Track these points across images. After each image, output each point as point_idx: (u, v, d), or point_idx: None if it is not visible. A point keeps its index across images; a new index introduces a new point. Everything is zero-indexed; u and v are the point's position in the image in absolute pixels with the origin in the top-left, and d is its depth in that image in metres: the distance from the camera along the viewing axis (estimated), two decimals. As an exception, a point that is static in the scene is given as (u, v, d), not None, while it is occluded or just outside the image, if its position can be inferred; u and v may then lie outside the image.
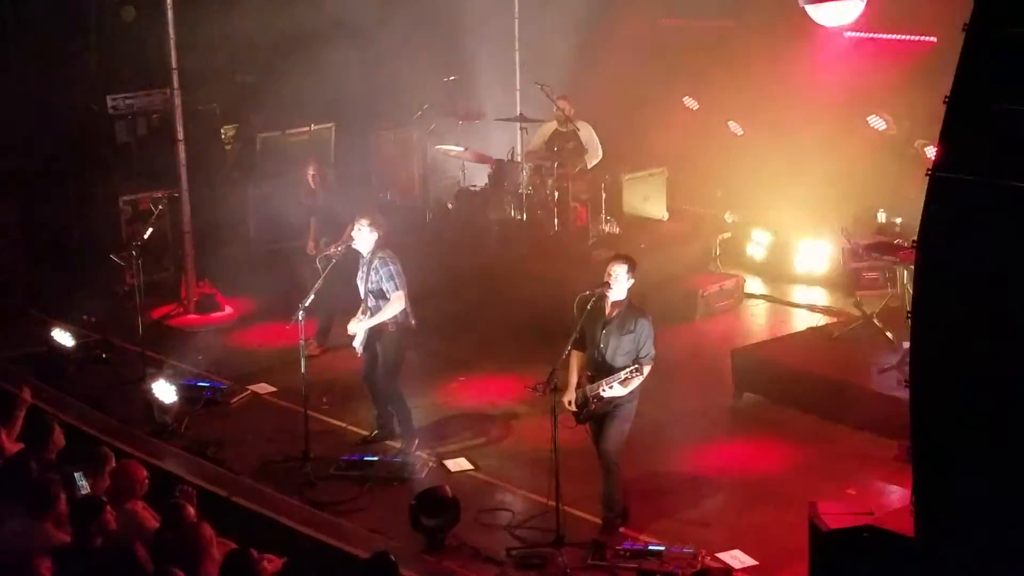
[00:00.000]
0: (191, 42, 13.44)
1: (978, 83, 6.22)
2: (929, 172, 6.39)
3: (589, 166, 13.86)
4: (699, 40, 14.80)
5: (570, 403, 8.80)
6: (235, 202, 14.65)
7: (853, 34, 13.03)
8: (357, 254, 10.17)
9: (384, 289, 10.04)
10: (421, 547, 8.71)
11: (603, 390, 8.65)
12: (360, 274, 10.20)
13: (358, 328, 10.14)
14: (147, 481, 7.99)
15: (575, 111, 13.81)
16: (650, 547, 8.59)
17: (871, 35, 13.24)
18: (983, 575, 6.53)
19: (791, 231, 14.12)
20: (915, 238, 6.55)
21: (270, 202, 14.26)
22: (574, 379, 8.85)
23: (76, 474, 7.90)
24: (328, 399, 11.13)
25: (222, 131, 14.96)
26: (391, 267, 10.05)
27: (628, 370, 8.55)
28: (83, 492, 7.79)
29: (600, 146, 13.89)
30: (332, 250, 10.36)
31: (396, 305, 10.06)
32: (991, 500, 6.35)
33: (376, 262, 10.05)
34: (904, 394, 6.86)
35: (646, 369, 8.63)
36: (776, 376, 11.13)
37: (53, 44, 13.70)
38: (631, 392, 8.69)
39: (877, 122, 13.36)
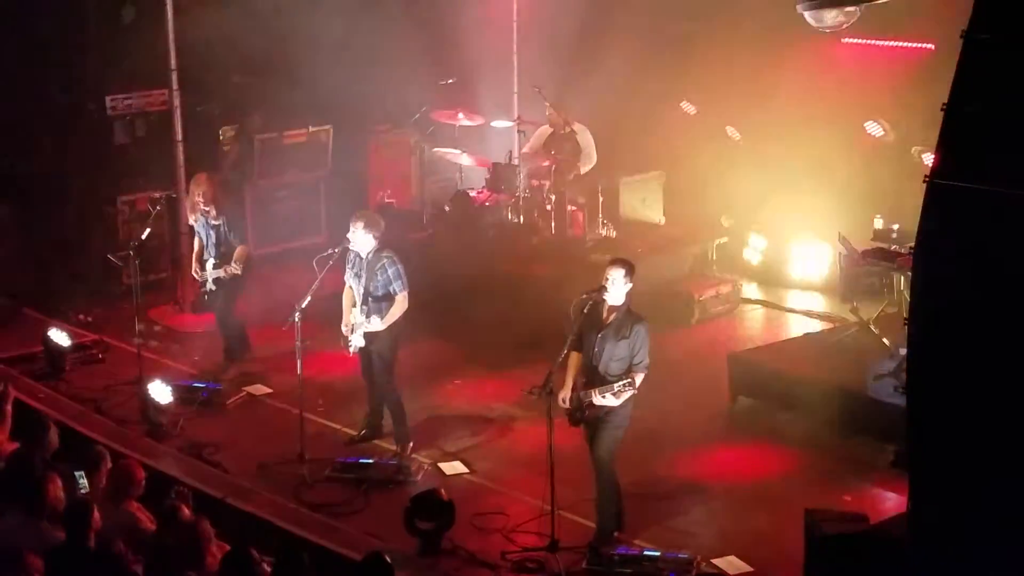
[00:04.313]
0: (190, 43, 13.42)
1: (976, 90, 6.23)
2: (927, 179, 6.39)
3: (583, 171, 13.85)
4: (697, 44, 14.80)
5: (564, 401, 8.78)
6: (233, 204, 14.60)
7: (851, 40, 13.01)
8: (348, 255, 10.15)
9: (392, 290, 10.04)
10: (416, 550, 8.70)
11: (595, 398, 8.64)
12: (352, 273, 10.19)
13: (359, 329, 10.11)
14: (144, 482, 7.99)
15: (565, 115, 13.73)
16: (645, 552, 8.59)
17: (869, 41, 13.23)
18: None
19: (788, 236, 14.11)
20: (912, 244, 6.56)
21: (267, 204, 14.22)
22: (571, 379, 8.83)
23: (77, 473, 7.90)
24: (323, 401, 11.11)
25: (220, 132, 14.94)
26: (399, 267, 10.06)
27: (621, 383, 8.52)
28: (83, 492, 7.79)
29: (595, 152, 13.87)
30: (329, 251, 10.29)
31: (402, 306, 10.07)
32: (987, 508, 6.34)
33: (384, 262, 10.05)
34: (900, 400, 6.88)
35: (639, 378, 8.61)
36: (772, 381, 11.11)
37: (52, 44, 13.66)
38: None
39: (874, 128, 13.37)
